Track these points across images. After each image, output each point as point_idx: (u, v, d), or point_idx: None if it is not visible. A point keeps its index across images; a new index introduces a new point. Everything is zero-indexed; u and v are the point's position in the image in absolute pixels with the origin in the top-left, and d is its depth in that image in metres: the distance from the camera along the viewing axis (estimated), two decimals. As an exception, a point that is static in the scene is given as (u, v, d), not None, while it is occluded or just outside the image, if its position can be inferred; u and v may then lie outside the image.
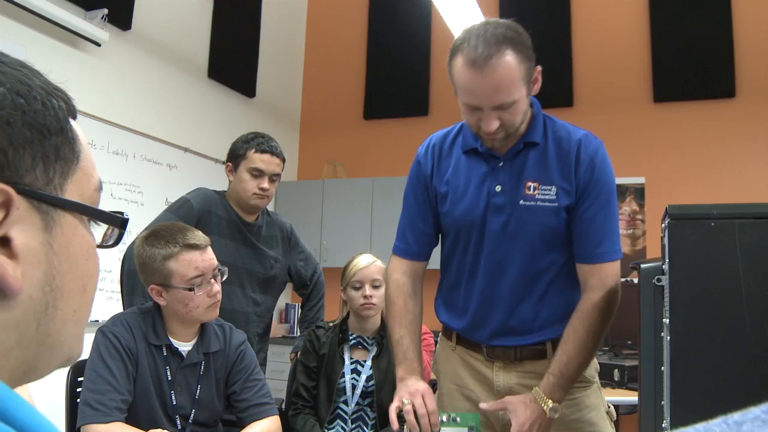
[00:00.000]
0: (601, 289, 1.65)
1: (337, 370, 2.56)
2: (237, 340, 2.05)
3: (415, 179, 1.84)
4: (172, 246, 1.87)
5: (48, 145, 0.53)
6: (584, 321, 1.64)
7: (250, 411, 1.97)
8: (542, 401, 1.61)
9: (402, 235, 1.88)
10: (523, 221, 1.68)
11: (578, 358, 1.63)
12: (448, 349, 1.89)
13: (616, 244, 1.69)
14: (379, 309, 2.61)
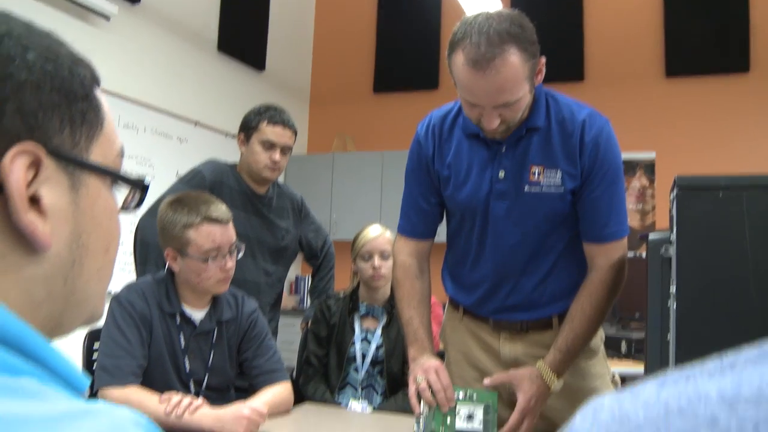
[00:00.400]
0: (609, 267, 1.66)
1: (348, 339, 2.59)
2: (249, 308, 2.08)
3: (416, 160, 1.81)
4: (194, 216, 1.89)
5: (74, 109, 0.55)
6: (591, 298, 1.65)
7: (262, 377, 2.01)
8: (547, 377, 1.63)
9: (406, 214, 1.87)
10: (528, 207, 1.67)
11: (584, 334, 1.65)
12: (456, 320, 1.91)
13: (623, 222, 1.68)
14: (388, 279, 2.61)
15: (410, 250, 1.86)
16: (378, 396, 2.57)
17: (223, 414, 1.70)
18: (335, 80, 6.81)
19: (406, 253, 1.86)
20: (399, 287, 1.85)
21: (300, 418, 1.96)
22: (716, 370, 0.34)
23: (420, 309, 1.80)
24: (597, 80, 5.74)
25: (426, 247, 1.88)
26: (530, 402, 1.61)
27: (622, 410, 0.35)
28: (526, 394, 1.61)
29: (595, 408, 0.37)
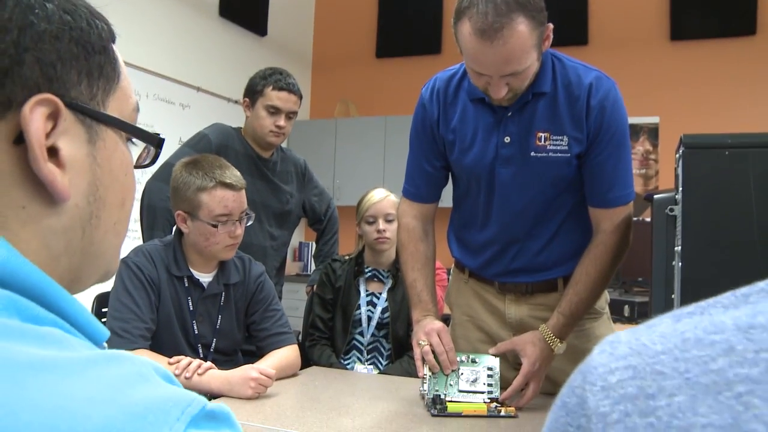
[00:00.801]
0: (614, 232, 1.66)
1: (353, 303, 2.60)
2: (256, 271, 2.09)
3: (421, 123, 1.79)
4: (208, 179, 1.89)
5: (92, 62, 0.55)
6: (596, 263, 1.66)
7: (269, 340, 2.02)
8: (551, 340, 1.64)
9: (410, 178, 1.87)
10: (534, 172, 1.66)
11: (588, 299, 1.66)
12: (461, 282, 1.92)
13: (628, 186, 1.68)
14: (393, 242, 2.61)
15: (415, 213, 1.86)
16: (383, 359, 2.59)
17: (232, 376, 1.72)
18: (337, 45, 6.76)
19: (410, 216, 1.86)
20: (403, 250, 1.86)
21: (307, 381, 1.98)
22: (730, 303, 0.35)
23: (424, 271, 1.81)
24: (601, 44, 5.69)
25: (431, 210, 1.88)
26: (534, 366, 1.63)
27: (639, 342, 0.36)
28: (530, 359, 1.63)
29: (612, 342, 0.37)
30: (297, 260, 6.87)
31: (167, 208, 2.40)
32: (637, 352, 0.35)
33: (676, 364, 0.33)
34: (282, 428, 1.45)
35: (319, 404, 1.68)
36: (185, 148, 2.53)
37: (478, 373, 1.66)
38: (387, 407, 1.67)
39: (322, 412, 1.60)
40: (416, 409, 1.66)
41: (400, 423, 1.53)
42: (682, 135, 1.23)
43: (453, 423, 1.55)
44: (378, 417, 1.57)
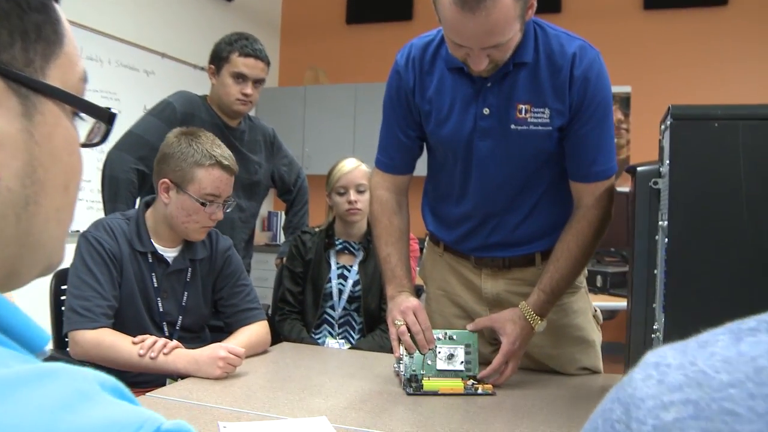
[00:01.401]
0: (596, 206, 1.61)
1: (324, 276, 2.55)
2: (223, 245, 2.02)
3: (395, 92, 1.72)
4: (207, 156, 1.84)
5: (28, 21, 0.47)
6: (578, 239, 1.61)
7: (237, 316, 1.96)
8: (531, 318, 1.60)
9: (384, 148, 1.80)
10: (514, 145, 1.60)
11: (569, 275, 1.62)
12: (436, 255, 1.87)
13: (611, 160, 1.62)
14: (364, 214, 2.57)
15: (388, 185, 1.80)
16: (355, 333, 2.55)
17: (199, 355, 1.65)
18: (307, 11, 6.62)
19: (383, 188, 1.80)
20: (376, 224, 1.80)
21: (277, 358, 1.93)
22: None
23: (398, 246, 1.75)
24: (574, 12, 5.63)
25: (404, 181, 1.82)
26: (514, 345, 1.58)
27: (696, 368, 0.29)
28: (510, 337, 1.58)
29: (658, 365, 0.31)
30: (266, 230, 6.80)
31: (130, 180, 2.30)
32: (696, 383, 0.28)
33: (752, 403, 0.26)
34: (252, 410, 1.39)
35: (291, 383, 1.62)
36: (149, 117, 2.43)
37: (455, 350, 1.61)
38: (361, 386, 1.62)
39: (294, 392, 1.54)
40: (391, 387, 1.61)
41: (375, 403, 1.48)
42: (670, 105, 1.18)
43: (429, 402, 1.50)
44: (352, 396, 1.52)
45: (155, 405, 1.39)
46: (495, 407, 1.48)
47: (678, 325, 1.16)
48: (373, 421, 1.35)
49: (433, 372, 1.60)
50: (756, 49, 5.21)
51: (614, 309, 3.55)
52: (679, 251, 1.16)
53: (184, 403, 1.43)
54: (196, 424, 1.27)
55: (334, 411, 1.40)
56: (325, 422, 1.32)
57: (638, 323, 1.38)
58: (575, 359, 1.77)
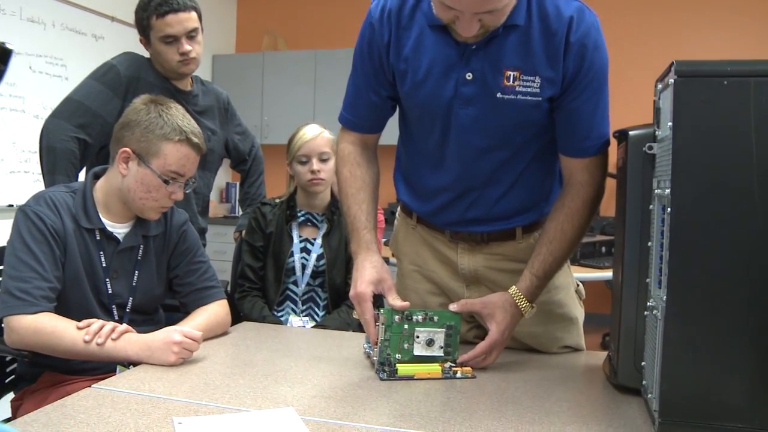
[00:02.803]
0: (591, 184, 1.49)
1: (285, 249, 2.44)
2: (178, 219, 1.87)
3: (367, 46, 1.55)
4: (177, 130, 1.70)
5: None
6: (572, 220, 1.48)
7: (194, 295, 1.83)
8: (522, 304, 1.48)
9: (351, 106, 1.66)
10: (499, 116, 1.46)
11: (563, 258, 1.51)
12: (408, 227, 1.76)
13: (605, 134, 1.49)
14: (328, 184, 2.47)
15: (353, 139, 1.67)
16: (320, 310, 2.45)
17: (152, 340, 1.50)
18: (262, -27, 6.40)
19: (347, 141, 1.67)
20: (338, 178, 1.67)
21: (238, 340, 1.80)
22: None
23: (359, 196, 1.61)
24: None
25: (371, 140, 1.69)
26: (503, 335, 1.47)
27: None
28: (500, 326, 1.47)
29: None
30: (224, 202, 6.65)
31: (70, 150, 2.13)
32: None
33: None
34: (211, 402, 1.26)
35: (253, 369, 1.49)
36: (90, 81, 2.24)
37: (435, 335, 1.49)
38: (329, 370, 1.50)
39: (257, 379, 1.41)
40: (362, 371, 1.50)
41: (346, 390, 1.36)
42: (674, 61, 1.06)
43: (405, 388, 1.38)
44: (320, 383, 1.40)
45: (102, 399, 1.24)
46: (476, 392, 1.37)
47: (681, 303, 1.06)
48: (344, 411, 1.23)
49: (409, 357, 1.48)
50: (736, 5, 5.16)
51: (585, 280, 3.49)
52: (684, 222, 1.05)
53: (135, 395, 1.28)
54: (149, 420, 1.14)
55: (301, 400, 1.28)
56: (292, 414, 1.19)
57: (629, 299, 1.29)
58: (557, 338, 1.68)
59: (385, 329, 1.47)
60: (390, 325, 1.48)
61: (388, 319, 1.47)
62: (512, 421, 1.20)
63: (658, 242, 1.18)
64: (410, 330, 1.48)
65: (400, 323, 1.48)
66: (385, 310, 1.48)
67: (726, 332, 1.03)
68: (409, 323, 1.48)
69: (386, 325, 1.47)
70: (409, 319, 1.48)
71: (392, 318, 1.48)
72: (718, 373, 1.04)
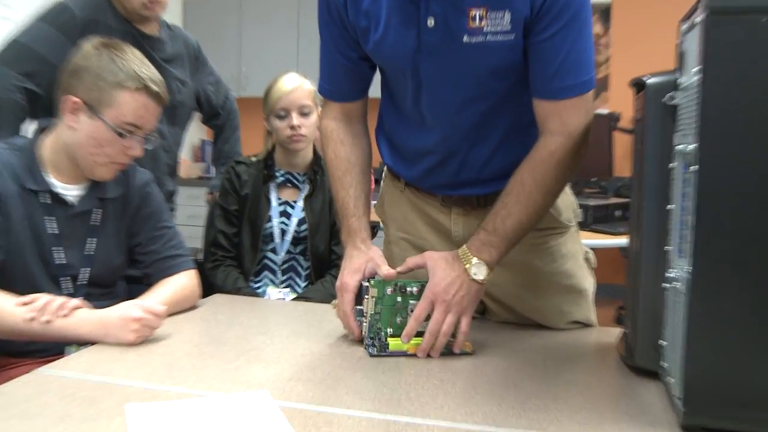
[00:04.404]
0: (562, 134, 1.40)
1: (263, 214, 2.41)
2: (141, 179, 1.82)
3: (326, 8, 1.54)
4: (135, 77, 1.65)
5: None
6: (534, 172, 1.41)
7: (159, 265, 1.79)
8: (465, 258, 1.42)
9: (326, 73, 1.64)
10: (469, 63, 1.40)
11: (520, 215, 1.41)
12: (396, 190, 1.73)
13: (584, 73, 1.40)
14: (310, 140, 2.44)
15: (335, 114, 1.66)
16: (301, 281, 2.45)
17: (108, 317, 1.45)
18: None
19: (330, 117, 1.66)
20: (324, 158, 1.69)
21: (208, 315, 1.76)
22: None
23: (345, 180, 1.61)
24: None
25: (355, 108, 1.66)
26: (437, 286, 1.41)
27: None
28: (435, 277, 1.42)
29: None
30: (199, 161, 6.60)
31: (14, 101, 2.06)
32: None
33: None
34: (174, 386, 1.22)
35: (224, 348, 1.46)
36: (39, 23, 2.16)
37: None
38: (310, 348, 1.46)
39: (228, 359, 1.37)
40: (346, 349, 1.47)
41: (327, 370, 1.32)
42: (703, -6, 1.00)
43: (394, 368, 1.35)
44: (299, 362, 1.36)
45: (47, 384, 1.20)
46: (473, 373, 1.34)
47: (707, 274, 1.01)
48: (325, 395, 1.19)
49: (400, 332, 1.45)
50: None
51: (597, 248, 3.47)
52: (712, 182, 1.00)
53: (86, 380, 1.24)
54: (99, 409, 1.09)
55: (277, 383, 1.24)
56: (267, 398, 1.15)
57: (647, 269, 1.25)
58: (565, 312, 1.65)
59: (376, 302, 1.45)
60: (381, 297, 1.45)
61: (379, 290, 1.45)
62: (514, 407, 1.16)
63: (680, 205, 1.13)
64: (404, 303, 1.46)
65: (392, 295, 1.46)
66: (375, 282, 1.46)
67: (760, 307, 0.99)
68: (402, 295, 1.46)
69: (377, 297, 1.45)
70: (402, 291, 1.46)
71: (384, 289, 1.45)
72: (751, 354, 0.99)
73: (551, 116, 1.41)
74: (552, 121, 1.41)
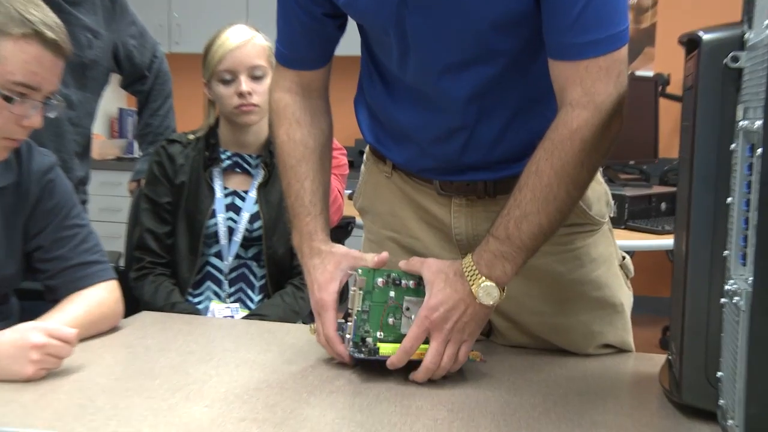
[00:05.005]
0: (587, 106, 1.40)
1: (204, 208, 2.45)
2: (40, 164, 1.84)
3: None
4: (21, 21, 1.63)
5: None
6: (553, 158, 1.41)
7: (68, 275, 1.81)
8: (471, 276, 1.44)
9: (283, 35, 1.69)
10: (465, 15, 1.42)
11: (539, 216, 1.42)
12: (381, 176, 1.77)
13: (613, 23, 1.40)
14: (264, 112, 2.44)
15: (289, 84, 1.70)
16: (255, 293, 2.49)
17: (-3, 344, 1.48)
18: None
19: (283, 89, 1.70)
20: (274, 140, 1.73)
21: (133, 340, 1.78)
22: None
23: (299, 170, 1.66)
24: None
25: (316, 78, 1.71)
26: (433, 312, 1.44)
27: None
28: (431, 300, 1.45)
29: None
30: (116, 137, 6.60)
31: None
32: None
33: None
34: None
35: (155, 382, 1.47)
36: None
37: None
38: (266, 379, 1.49)
39: (160, 396, 1.39)
40: (314, 379, 1.49)
41: (288, 408, 1.34)
42: None
43: (377, 401, 1.38)
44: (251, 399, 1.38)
45: None
46: (476, 412, 1.36)
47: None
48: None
49: (394, 336, 1.50)
50: None
51: (638, 249, 3.51)
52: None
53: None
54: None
55: (224, 426, 1.26)
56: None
57: (699, 280, 1.28)
58: (594, 333, 1.68)
59: (364, 297, 1.48)
60: (370, 291, 1.48)
61: (368, 282, 1.48)
62: (529, 457, 1.19)
63: (742, 198, 1.15)
64: (397, 298, 1.50)
65: (384, 288, 1.50)
66: (363, 271, 1.49)
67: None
68: (396, 289, 1.50)
69: (365, 291, 1.48)
70: (396, 283, 1.50)
71: (373, 281, 1.49)
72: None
73: (571, 83, 1.41)
74: (573, 89, 1.41)
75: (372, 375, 1.50)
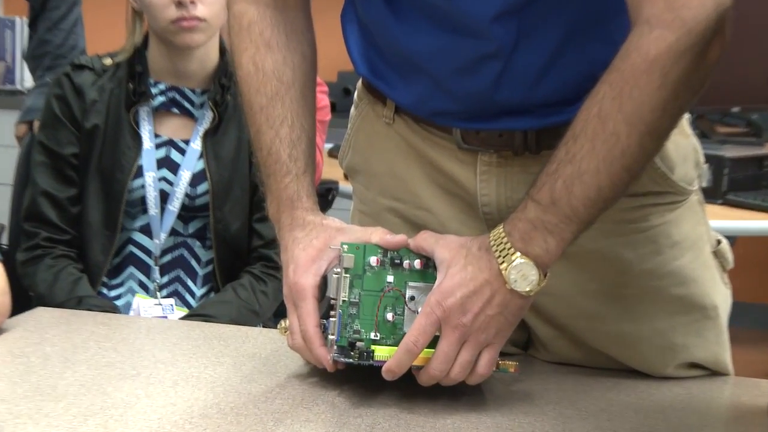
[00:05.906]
0: (671, 25, 1.40)
1: (127, 163, 2.50)
2: None
3: None
4: None
5: None
6: (622, 96, 1.41)
7: None
8: (501, 252, 1.45)
9: None
10: None
11: (598, 175, 1.42)
12: (378, 123, 1.80)
13: None
14: (213, 30, 2.51)
15: None
16: (197, 286, 2.54)
17: None
18: None
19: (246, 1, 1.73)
20: (236, 70, 1.76)
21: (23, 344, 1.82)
22: None
23: (272, 112, 1.69)
24: None
25: None
26: (452, 298, 1.44)
27: None
28: (447, 281, 1.46)
29: None
30: (-4, 60, 6.62)
31: None
32: None
33: None
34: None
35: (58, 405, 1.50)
36: None
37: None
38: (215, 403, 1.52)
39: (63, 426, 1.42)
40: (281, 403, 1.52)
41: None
42: None
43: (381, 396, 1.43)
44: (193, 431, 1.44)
45: None
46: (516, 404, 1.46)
47: None
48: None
49: (394, 337, 1.50)
50: None
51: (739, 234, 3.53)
52: None
53: None
54: None
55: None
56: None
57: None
58: (676, 346, 1.72)
59: (352, 282, 1.49)
60: (360, 275, 1.50)
61: (356, 262, 1.49)
62: None
63: None
64: (398, 285, 1.51)
65: (379, 271, 1.51)
66: (350, 247, 1.49)
67: None
68: (396, 272, 1.51)
69: (353, 274, 1.49)
70: (396, 263, 1.51)
71: (364, 260, 1.50)
72: None
73: None
74: (651, 5, 1.42)
75: (365, 395, 1.51)
